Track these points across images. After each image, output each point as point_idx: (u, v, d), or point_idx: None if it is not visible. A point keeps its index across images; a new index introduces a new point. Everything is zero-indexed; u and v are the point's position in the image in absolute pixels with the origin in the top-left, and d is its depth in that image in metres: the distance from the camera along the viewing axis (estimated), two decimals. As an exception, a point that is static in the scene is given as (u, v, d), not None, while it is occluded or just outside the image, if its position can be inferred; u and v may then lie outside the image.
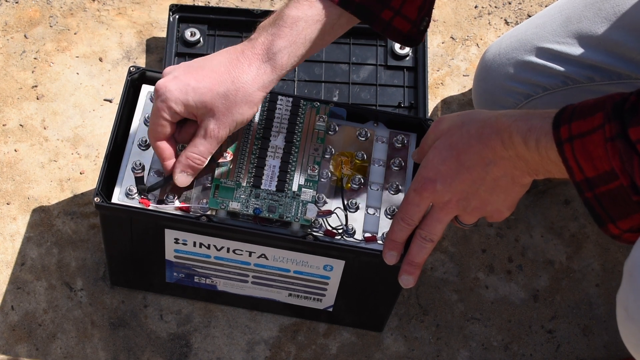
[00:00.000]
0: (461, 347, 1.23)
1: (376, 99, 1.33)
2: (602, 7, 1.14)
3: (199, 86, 0.97)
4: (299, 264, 1.07)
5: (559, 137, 0.81)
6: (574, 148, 0.80)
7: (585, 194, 0.82)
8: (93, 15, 1.42)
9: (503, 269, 1.28)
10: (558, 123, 0.82)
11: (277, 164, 1.05)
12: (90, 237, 1.26)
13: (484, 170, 0.90)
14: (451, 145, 0.91)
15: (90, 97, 1.36)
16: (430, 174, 0.92)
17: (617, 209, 0.81)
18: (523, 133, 0.85)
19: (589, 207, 0.82)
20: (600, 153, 0.79)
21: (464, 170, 0.90)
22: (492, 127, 0.88)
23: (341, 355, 1.21)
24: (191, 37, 1.34)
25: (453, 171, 0.91)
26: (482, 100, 1.26)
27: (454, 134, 0.91)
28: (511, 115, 0.87)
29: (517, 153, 0.86)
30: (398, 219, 0.97)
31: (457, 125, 0.92)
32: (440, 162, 0.91)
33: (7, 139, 1.32)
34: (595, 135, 0.79)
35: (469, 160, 0.90)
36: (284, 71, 0.99)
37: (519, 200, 0.94)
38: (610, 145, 0.78)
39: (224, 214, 1.03)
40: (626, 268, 0.84)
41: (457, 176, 0.91)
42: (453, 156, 0.91)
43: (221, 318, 1.22)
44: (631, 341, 0.85)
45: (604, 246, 1.31)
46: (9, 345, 1.19)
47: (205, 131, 0.99)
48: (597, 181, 0.80)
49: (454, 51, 1.44)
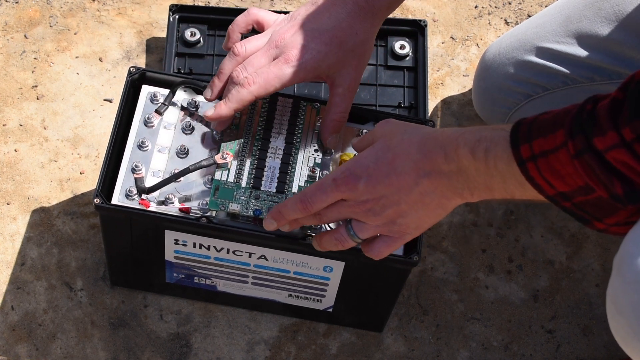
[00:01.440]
0: (461, 347, 1.23)
1: (376, 99, 1.33)
2: (602, 6, 1.14)
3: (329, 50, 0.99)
4: (299, 265, 1.07)
5: (520, 156, 0.79)
6: (539, 167, 0.78)
7: (562, 204, 0.80)
8: (93, 15, 1.42)
9: (503, 269, 1.28)
10: (517, 142, 0.80)
11: (277, 165, 1.05)
12: (90, 237, 1.26)
13: (414, 181, 0.87)
14: (388, 147, 0.89)
15: (90, 97, 1.36)
16: (358, 170, 0.89)
17: (600, 212, 0.79)
18: (471, 144, 0.83)
19: (570, 213, 0.81)
20: (570, 171, 0.77)
21: (393, 175, 0.88)
22: (436, 140, 0.86)
23: (341, 355, 1.21)
24: (191, 37, 1.34)
25: (382, 173, 0.88)
26: (482, 100, 1.26)
27: (394, 137, 0.89)
28: (459, 129, 0.86)
29: (459, 167, 0.84)
30: (297, 199, 0.93)
31: (400, 130, 0.90)
32: (373, 160, 0.89)
33: (7, 139, 1.32)
34: (560, 153, 0.77)
35: (403, 166, 0.88)
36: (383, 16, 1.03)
37: (431, 225, 0.92)
38: (577, 162, 0.76)
39: (224, 215, 1.03)
40: (615, 262, 0.84)
41: (384, 179, 0.88)
42: (387, 159, 0.88)
43: (221, 318, 1.22)
44: (620, 334, 0.85)
45: (604, 246, 1.31)
46: (9, 345, 1.19)
47: (344, 87, 1.01)
48: (573, 194, 0.79)
49: (454, 51, 1.44)
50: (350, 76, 1.01)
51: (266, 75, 0.99)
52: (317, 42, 0.99)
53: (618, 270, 0.83)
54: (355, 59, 1.01)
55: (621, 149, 0.73)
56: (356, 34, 1.00)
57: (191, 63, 1.33)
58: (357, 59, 1.01)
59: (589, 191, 0.77)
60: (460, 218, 1.31)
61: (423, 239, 1.11)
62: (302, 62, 0.99)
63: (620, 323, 0.84)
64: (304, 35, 0.99)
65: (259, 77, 0.99)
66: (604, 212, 0.80)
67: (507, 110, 1.22)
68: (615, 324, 0.85)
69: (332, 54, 1.00)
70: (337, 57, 1.00)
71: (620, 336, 0.85)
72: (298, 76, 0.99)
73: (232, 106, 0.99)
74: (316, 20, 1.00)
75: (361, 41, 1.01)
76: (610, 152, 0.73)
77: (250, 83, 0.98)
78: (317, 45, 0.99)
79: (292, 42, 0.99)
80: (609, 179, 0.75)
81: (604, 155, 0.74)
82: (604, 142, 0.73)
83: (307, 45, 0.99)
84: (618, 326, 0.85)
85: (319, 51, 0.99)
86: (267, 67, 0.99)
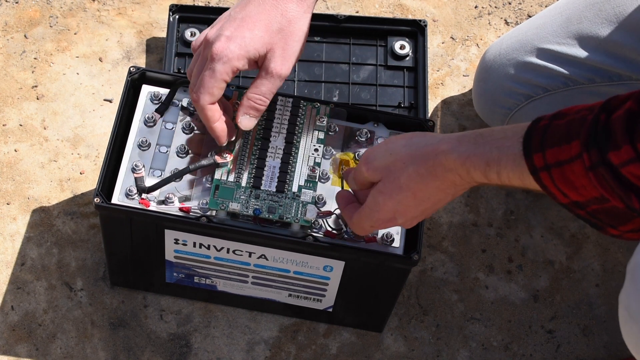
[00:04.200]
0: (461, 347, 1.23)
1: (376, 99, 1.33)
2: (602, 7, 1.14)
3: (254, 35, 0.97)
4: (299, 264, 1.07)
5: (533, 165, 0.79)
6: (553, 177, 0.78)
7: (576, 211, 0.80)
8: (93, 15, 1.42)
9: (503, 269, 1.28)
10: (529, 150, 0.79)
11: (277, 165, 1.05)
12: (90, 237, 1.26)
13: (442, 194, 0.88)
14: (402, 187, 0.88)
15: (90, 97, 1.36)
16: (388, 215, 0.91)
17: (615, 220, 0.79)
18: (481, 168, 0.83)
19: (583, 220, 0.80)
20: (584, 182, 0.76)
21: (423, 202, 0.89)
22: (444, 166, 0.86)
23: (341, 355, 1.21)
24: (191, 37, 1.34)
25: (412, 206, 0.90)
26: (482, 101, 1.26)
27: (399, 176, 0.89)
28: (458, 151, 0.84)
29: (476, 182, 0.85)
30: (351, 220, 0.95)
31: (398, 166, 0.89)
32: (396, 203, 0.90)
33: (7, 139, 1.32)
34: (575, 165, 0.76)
35: (428, 194, 0.88)
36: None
37: None
38: (592, 175, 0.75)
39: (224, 215, 1.03)
40: (629, 269, 0.84)
41: (416, 208, 0.90)
42: (409, 196, 0.89)
43: (221, 318, 1.22)
44: (632, 342, 0.85)
45: (604, 246, 1.31)
46: (9, 345, 1.19)
47: (267, 70, 0.98)
48: (587, 203, 0.78)
49: (454, 51, 1.44)
50: (278, 59, 0.99)
51: (202, 82, 0.98)
52: (242, 30, 0.98)
53: (632, 277, 0.83)
54: (283, 39, 0.98)
55: (637, 163, 0.72)
56: (282, 14, 0.98)
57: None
58: (285, 39, 0.98)
59: (603, 201, 0.77)
60: (460, 218, 1.31)
61: (423, 239, 1.11)
62: (227, 53, 0.97)
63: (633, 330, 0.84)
64: (229, 27, 0.98)
65: (199, 87, 0.99)
66: (618, 220, 0.79)
67: (507, 111, 1.22)
68: (628, 330, 0.85)
69: (257, 38, 0.98)
70: (263, 40, 0.98)
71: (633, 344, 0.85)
72: (230, 67, 0.97)
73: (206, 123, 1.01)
74: (241, 10, 0.99)
75: (288, 20, 0.98)
76: (626, 167, 0.72)
77: (197, 99, 0.99)
78: (241, 32, 0.98)
79: (216, 37, 0.98)
80: (625, 194, 0.74)
81: (620, 170, 0.73)
82: (619, 157, 0.72)
83: (230, 36, 0.98)
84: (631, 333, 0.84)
85: (242, 37, 0.98)
86: (202, 74, 0.99)
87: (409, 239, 1.05)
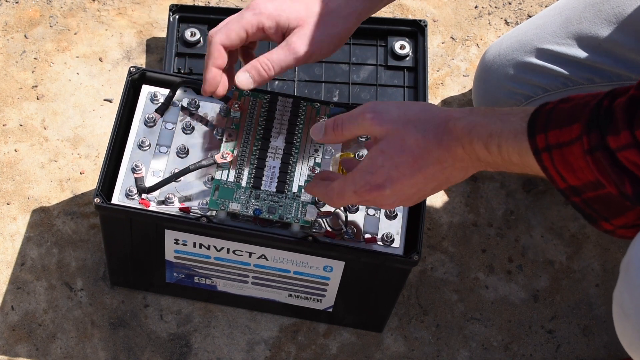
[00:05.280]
0: (461, 347, 1.23)
1: (376, 99, 1.33)
2: (602, 8, 1.14)
3: (293, 5, 0.98)
4: (299, 264, 1.07)
5: (536, 146, 0.79)
6: (554, 158, 0.78)
7: (572, 198, 0.80)
8: (93, 15, 1.42)
9: (503, 269, 1.28)
10: (533, 130, 0.79)
11: (277, 165, 1.05)
12: (90, 237, 1.26)
13: (439, 172, 0.87)
14: (404, 149, 0.86)
15: (90, 97, 1.36)
16: (380, 179, 0.88)
17: (609, 210, 0.79)
18: (484, 139, 0.83)
19: (578, 209, 0.81)
20: (582, 165, 0.77)
21: (419, 174, 0.87)
22: (451, 133, 0.85)
23: (341, 355, 1.21)
24: (191, 37, 1.34)
25: (407, 176, 0.87)
26: (482, 101, 1.26)
27: (406, 136, 0.86)
28: (467, 119, 0.84)
29: (477, 157, 0.85)
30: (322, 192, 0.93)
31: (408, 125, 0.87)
32: (393, 166, 0.87)
33: (7, 139, 1.32)
34: (574, 147, 0.76)
35: (427, 164, 0.86)
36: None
37: None
38: (590, 158, 0.75)
39: (224, 215, 1.03)
40: (622, 266, 0.84)
41: (409, 179, 0.87)
42: (408, 162, 0.86)
43: (221, 318, 1.22)
44: (626, 339, 0.85)
45: (604, 246, 1.31)
46: (9, 345, 1.19)
47: (287, 42, 0.98)
48: (583, 188, 0.79)
49: (454, 51, 1.44)
50: (303, 37, 0.98)
51: (226, 22, 1.00)
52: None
53: (625, 274, 0.83)
54: (317, 23, 0.98)
55: (633, 149, 0.73)
56: (326, 3, 0.99)
57: (191, 63, 1.34)
58: (318, 25, 0.98)
59: (599, 187, 0.77)
60: (460, 218, 1.31)
61: (423, 239, 1.11)
62: (262, 8, 0.98)
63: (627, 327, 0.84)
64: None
65: (220, 26, 1.00)
66: (612, 211, 0.79)
67: (507, 111, 1.22)
68: (621, 327, 0.85)
69: (293, 10, 0.98)
70: (299, 14, 0.98)
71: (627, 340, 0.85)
72: (257, 20, 0.98)
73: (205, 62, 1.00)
74: None
75: (330, 10, 0.99)
76: (622, 152, 0.73)
77: (212, 35, 1.00)
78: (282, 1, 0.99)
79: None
80: (619, 178, 0.74)
81: (616, 154, 0.74)
82: (617, 141, 0.73)
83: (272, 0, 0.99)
84: (624, 330, 0.85)
85: (282, 2, 0.98)
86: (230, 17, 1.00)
87: (409, 239, 1.05)
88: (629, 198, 0.75)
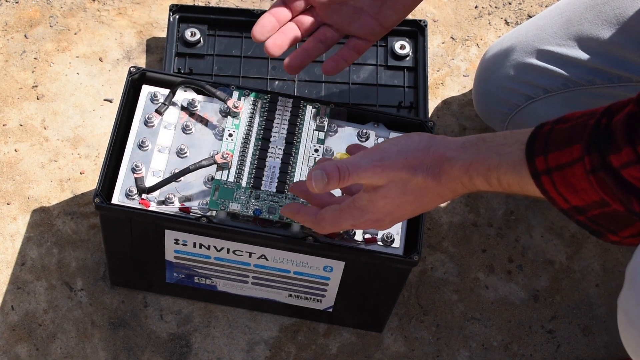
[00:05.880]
0: (461, 347, 1.23)
1: (376, 99, 1.33)
2: (602, 9, 1.14)
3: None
4: (299, 264, 1.07)
5: (535, 169, 0.79)
6: (554, 181, 0.78)
7: (576, 217, 0.80)
8: (93, 15, 1.42)
9: (503, 269, 1.28)
10: (532, 154, 0.79)
11: (277, 165, 1.05)
12: (90, 237, 1.26)
13: (439, 202, 0.90)
14: (406, 192, 0.88)
15: (90, 97, 1.36)
16: (381, 216, 0.91)
17: (616, 224, 0.79)
18: (483, 174, 0.83)
19: (583, 226, 0.81)
20: (585, 186, 0.76)
21: (420, 208, 0.90)
22: (449, 174, 0.86)
23: (341, 355, 1.21)
24: (191, 37, 1.34)
25: (408, 212, 0.91)
26: (482, 102, 1.26)
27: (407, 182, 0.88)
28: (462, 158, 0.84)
29: (478, 188, 0.86)
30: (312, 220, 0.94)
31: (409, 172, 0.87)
32: (395, 207, 0.90)
33: (7, 139, 1.32)
34: (576, 168, 0.76)
35: (428, 201, 0.89)
36: None
37: None
38: (593, 178, 0.75)
39: (224, 215, 1.03)
40: (627, 272, 0.84)
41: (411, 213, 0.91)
42: (410, 201, 0.89)
43: (221, 318, 1.22)
44: (632, 345, 0.85)
45: (604, 246, 1.31)
46: (9, 345, 1.19)
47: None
48: (588, 208, 0.78)
49: (454, 51, 1.44)
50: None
51: None
52: None
53: (631, 281, 0.82)
54: None
55: (637, 165, 0.72)
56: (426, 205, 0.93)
57: (191, 63, 1.33)
58: None
59: (604, 205, 0.77)
60: (460, 218, 1.31)
61: (423, 239, 1.11)
62: None
63: (632, 334, 0.83)
64: None
65: None
66: (618, 224, 0.79)
67: (507, 112, 1.22)
68: (626, 335, 0.85)
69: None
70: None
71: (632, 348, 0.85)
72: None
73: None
74: None
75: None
76: (626, 169, 0.73)
77: None
78: None
79: None
80: (626, 196, 0.74)
81: (620, 172, 0.73)
82: (620, 159, 0.73)
83: None
84: (630, 337, 0.84)
85: None
86: None
87: (409, 240, 1.05)
88: (638, 214, 0.75)
